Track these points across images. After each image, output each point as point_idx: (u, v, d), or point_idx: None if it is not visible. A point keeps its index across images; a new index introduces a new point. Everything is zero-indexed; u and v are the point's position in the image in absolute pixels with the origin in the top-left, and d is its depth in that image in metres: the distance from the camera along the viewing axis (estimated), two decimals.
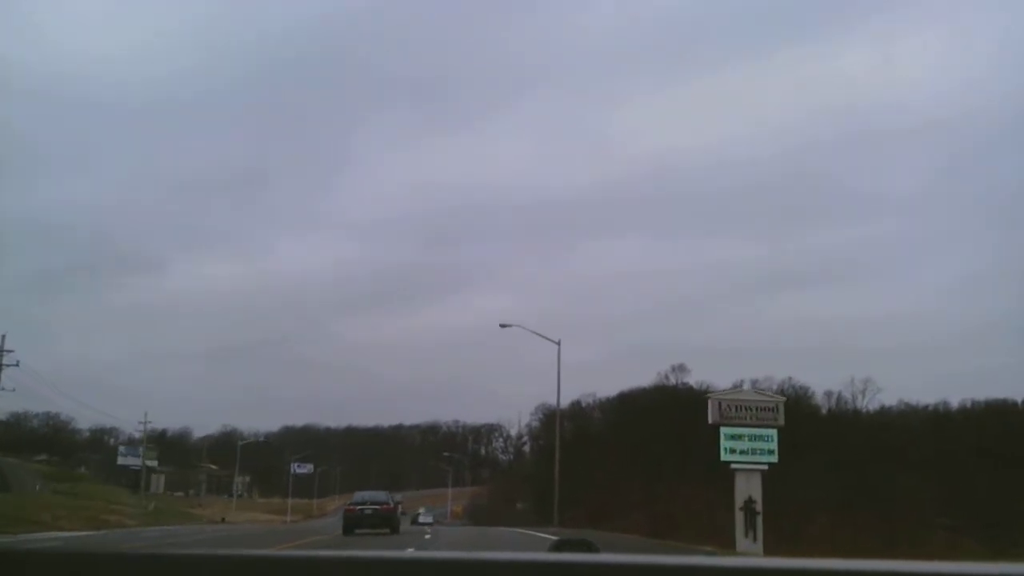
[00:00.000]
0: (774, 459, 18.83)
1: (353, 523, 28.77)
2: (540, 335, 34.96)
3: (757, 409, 18.74)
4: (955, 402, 79.23)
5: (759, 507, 18.64)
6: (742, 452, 18.60)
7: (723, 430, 18.81)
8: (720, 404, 18.76)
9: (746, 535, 18.50)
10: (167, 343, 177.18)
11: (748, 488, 18.63)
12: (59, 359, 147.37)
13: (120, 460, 75.55)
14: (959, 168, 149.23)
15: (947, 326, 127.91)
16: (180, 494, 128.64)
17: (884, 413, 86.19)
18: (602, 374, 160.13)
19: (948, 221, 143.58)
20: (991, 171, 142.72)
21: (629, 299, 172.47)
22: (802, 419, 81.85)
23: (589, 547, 2.02)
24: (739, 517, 18.61)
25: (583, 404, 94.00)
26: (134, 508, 55.96)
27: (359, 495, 31.67)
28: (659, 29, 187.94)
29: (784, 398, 19.32)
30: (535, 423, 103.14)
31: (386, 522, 28.93)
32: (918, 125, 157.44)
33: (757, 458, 18.70)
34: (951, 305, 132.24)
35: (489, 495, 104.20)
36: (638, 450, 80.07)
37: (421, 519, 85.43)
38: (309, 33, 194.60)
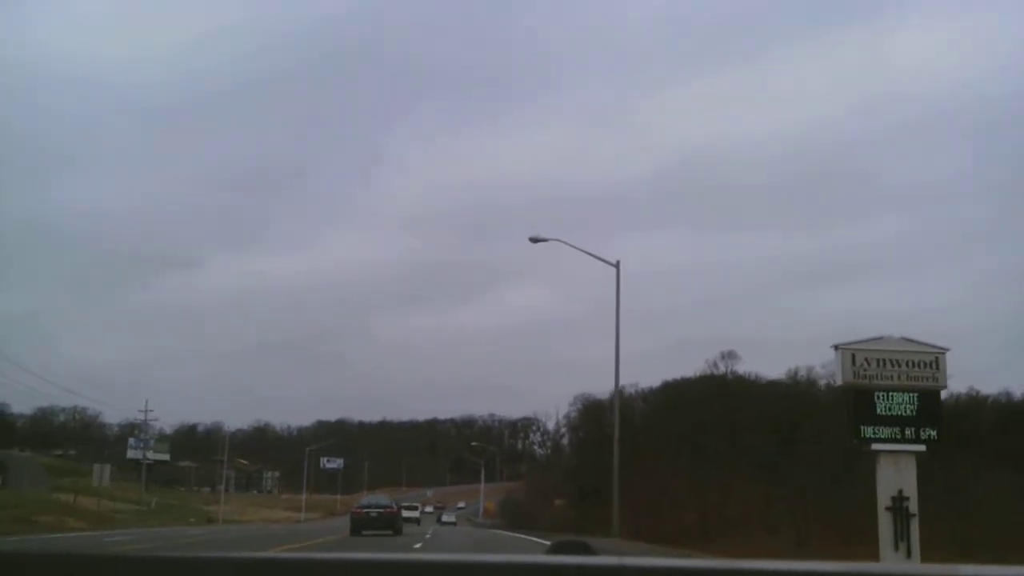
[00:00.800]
0: (934, 434, 13.01)
1: (359, 525, 31.01)
2: (591, 254, 28.33)
3: (908, 364, 12.91)
4: (1017, 392, 71.76)
5: (914, 506, 12.85)
6: (890, 425, 12.77)
7: (860, 395, 13.00)
8: (855, 358, 12.93)
9: (895, 546, 12.69)
10: (203, 340, 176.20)
11: (898, 479, 12.80)
12: (95, 355, 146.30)
13: (130, 453, 71.10)
14: (1002, 153, 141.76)
15: (975, 318, 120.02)
16: (207, 489, 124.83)
17: (954, 402, 79.09)
18: (641, 369, 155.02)
19: (988, 210, 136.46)
20: None
21: (667, 293, 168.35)
22: None
23: (586, 549, 2.00)
24: (884, 520, 12.81)
25: (625, 393, 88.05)
26: (136, 506, 51.41)
27: (365, 500, 36.16)
28: (694, 19, 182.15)
29: (947, 348, 13.37)
30: (574, 414, 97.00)
31: (389, 524, 31.49)
32: (956, 112, 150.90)
33: (911, 435, 12.88)
34: (988, 296, 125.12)
35: (526, 491, 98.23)
36: (686, 441, 74.07)
37: (444, 518, 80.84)
38: (344, 27, 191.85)
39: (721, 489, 70.89)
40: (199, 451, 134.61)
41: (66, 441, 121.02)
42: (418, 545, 24.64)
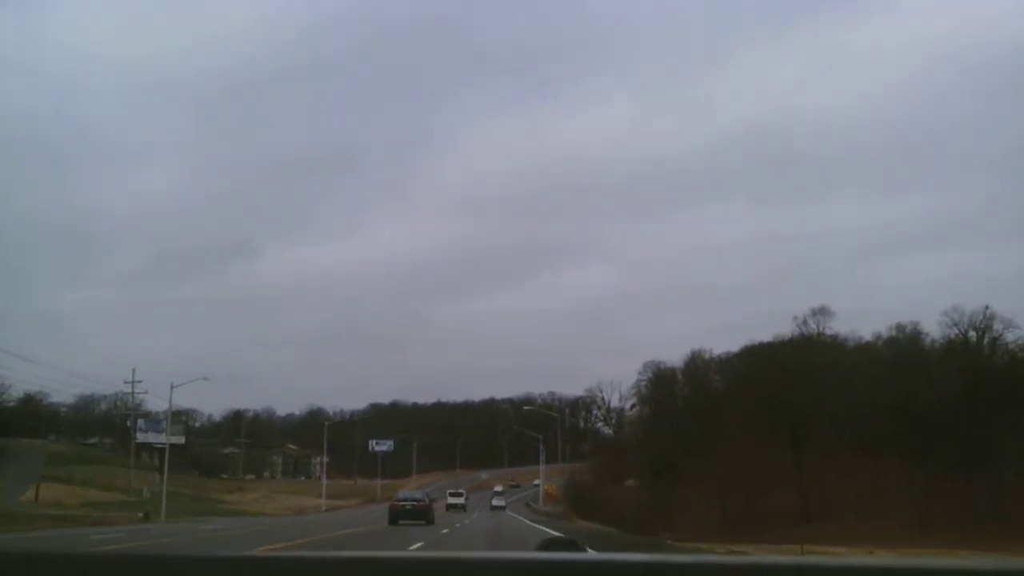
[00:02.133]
0: None
1: (396, 515, 34.59)
2: None
3: None
4: None
5: None
6: None
7: None
8: None
9: None
10: (257, 328, 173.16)
11: None
12: (148, 346, 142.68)
13: (140, 437, 64.08)
14: None
15: None
16: (251, 477, 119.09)
17: None
18: (713, 343, 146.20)
19: None
20: None
21: (733, 268, 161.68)
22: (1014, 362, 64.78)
23: (576, 546, 2.07)
24: None
25: (704, 357, 78.57)
26: (127, 496, 44.15)
27: (401, 493, 40.61)
28: None
29: None
30: (643, 382, 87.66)
31: (422, 515, 34.84)
32: None
33: None
34: None
35: (592, 471, 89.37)
36: (774, 412, 64.32)
37: (495, 503, 74.84)
38: (393, 8, 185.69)
39: (819, 465, 61.08)
40: (249, 436, 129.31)
41: (107, 429, 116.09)
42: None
